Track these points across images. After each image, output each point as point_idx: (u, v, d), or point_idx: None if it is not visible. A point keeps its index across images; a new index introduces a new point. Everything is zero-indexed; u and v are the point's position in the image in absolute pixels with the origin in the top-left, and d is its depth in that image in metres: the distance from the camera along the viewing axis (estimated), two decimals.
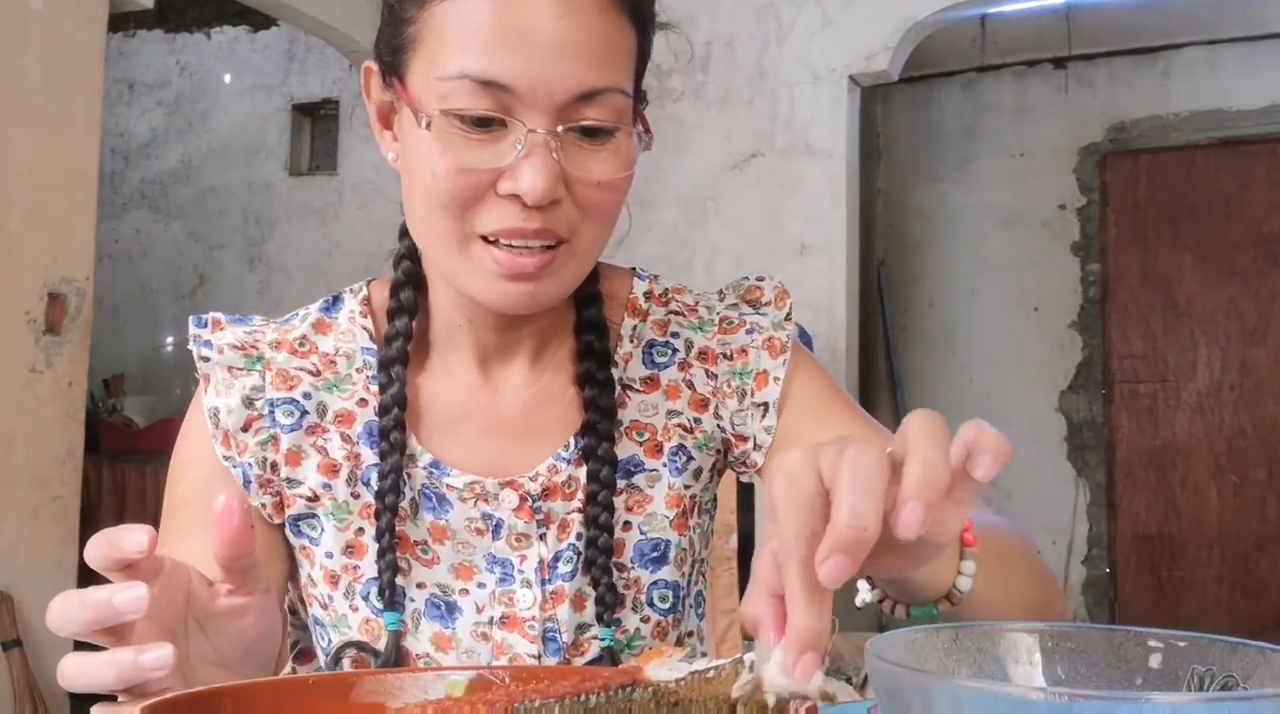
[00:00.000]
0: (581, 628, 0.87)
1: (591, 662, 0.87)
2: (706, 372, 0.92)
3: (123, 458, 4.45)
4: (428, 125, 0.75)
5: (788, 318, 0.93)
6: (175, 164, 5.62)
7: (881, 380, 5.24)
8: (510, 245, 0.76)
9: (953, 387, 5.17)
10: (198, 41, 5.62)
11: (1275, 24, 4.65)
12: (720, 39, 4.32)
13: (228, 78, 5.54)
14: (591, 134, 0.76)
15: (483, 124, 0.74)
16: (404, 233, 0.89)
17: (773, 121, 4.29)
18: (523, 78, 0.73)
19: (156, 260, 5.58)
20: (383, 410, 0.86)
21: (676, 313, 0.94)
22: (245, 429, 0.86)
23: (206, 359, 0.87)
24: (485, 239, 0.77)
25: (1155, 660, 0.55)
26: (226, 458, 0.85)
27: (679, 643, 0.92)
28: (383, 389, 0.86)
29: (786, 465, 0.51)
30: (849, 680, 3.62)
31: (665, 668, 0.50)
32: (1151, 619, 4.66)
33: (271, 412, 0.87)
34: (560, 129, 0.74)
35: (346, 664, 0.85)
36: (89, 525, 3.72)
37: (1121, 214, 5.02)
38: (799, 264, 4.19)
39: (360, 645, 0.85)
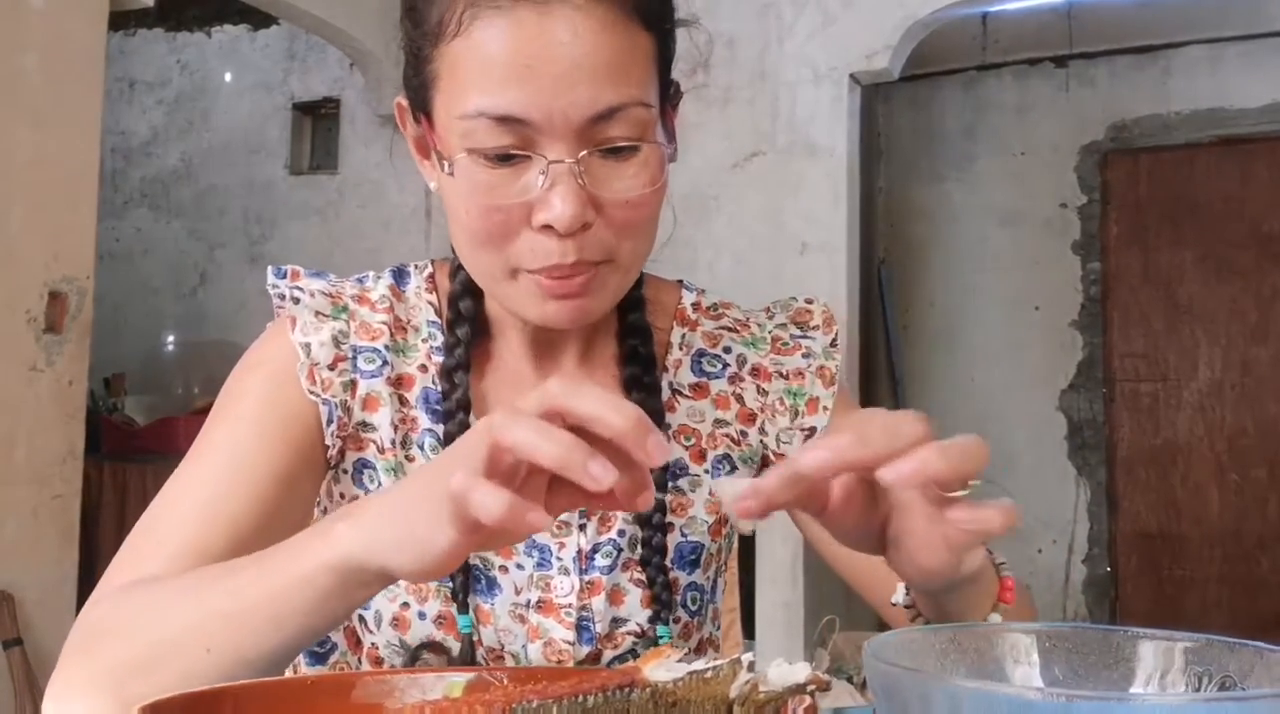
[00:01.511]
0: (617, 621, 0.89)
1: (622, 655, 0.89)
2: (758, 388, 0.96)
3: (123, 457, 4.45)
4: (452, 170, 0.77)
5: (833, 344, 0.97)
6: (176, 163, 5.62)
7: (882, 379, 5.24)
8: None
9: (953, 385, 5.17)
10: (198, 40, 5.61)
11: (1276, 22, 4.65)
12: (721, 38, 4.32)
13: (228, 76, 5.53)
14: (615, 152, 0.76)
15: (506, 158, 0.75)
16: None
17: (773, 120, 4.29)
18: (537, 109, 0.73)
19: (157, 259, 5.58)
20: (447, 416, 0.88)
21: (729, 328, 0.98)
22: (331, 367, 0.87)
23: (297, 301, 0.89)
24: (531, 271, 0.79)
25: (1153, 661, 0.55)
26: (313, 393, 0.85)
27: (699, 649, 0.95)
28: (445, 395, 0.88)
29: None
30: (849, 680, 3.62)
31: (663, 669, 0.50)
32: (1152, 618, 4.66)
33: (354, 357, 0.89)
34: (582, 154, 0.75)
35: (429, 661, 0.87)
36: (89, 524, 3.72)
37: (1122, 213, 5.02)
38: (800, 263, 4.19)
39: (436, 647, 0.87)
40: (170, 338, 5.44)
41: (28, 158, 3.09)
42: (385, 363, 0.89)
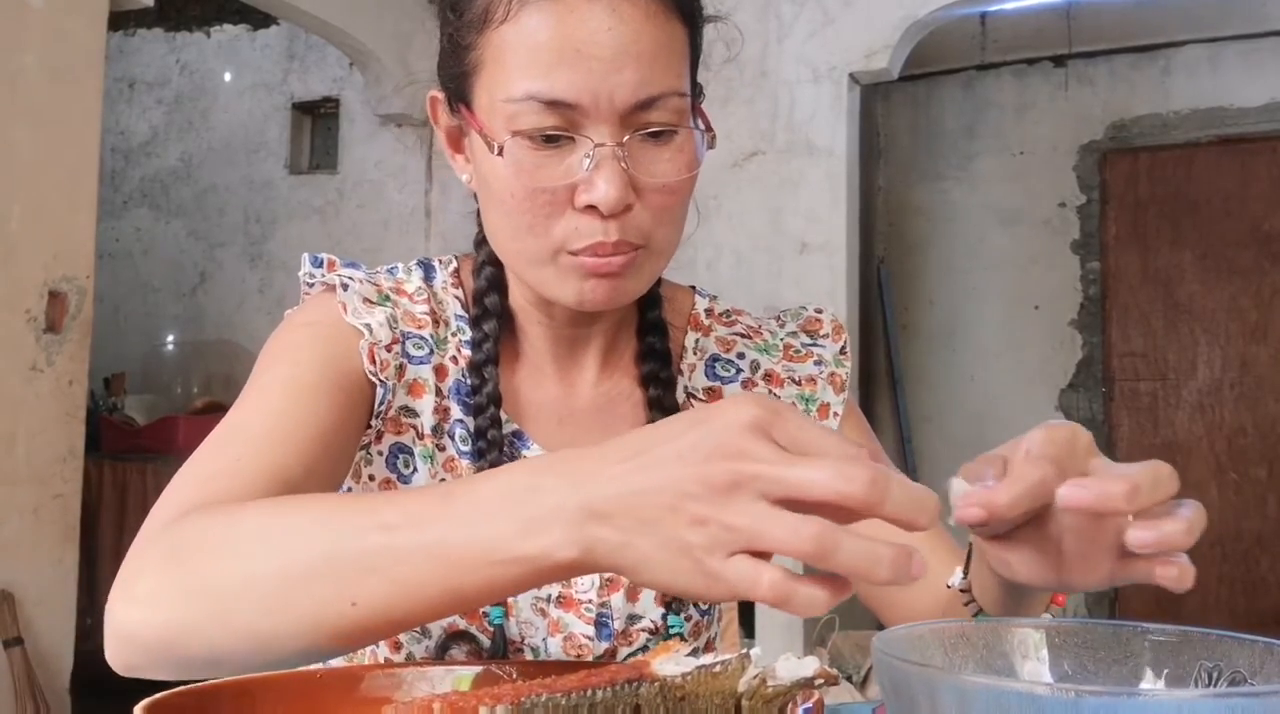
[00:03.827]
0: (633, 618, 0.91)
1: (636, 652, 0.91)
2: (770, 392, 0.97)
3: (123, 456, 4.45)
4: (500, 151, 0.78)
5: (843, 352, 0.99)
6: (175, 162, 5.61)
7: (882, 378, 5.24)
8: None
9: (953, 384, 5.17)
10: (198, 40, 5.61)
11: (1276, 21, 4.65)
12: (721, 37, 4.32)
13: (228, 76, 5.53)
14: (655, 136, 0.79)
15: (551, 140, 0.77)
16: (481, 240, 0.92)
17: (773, 120, 4.29)
18: (585, 93, 0.75)
19: (157, 259, 5.58)
20: (478, 410, 0.89)
21: (742, 335, 1.00)
22: (388, 349, 0.87)
23: (346, 287, 0.88)
24: (572, 253, 0.80)
25: (1162, 656, 0.55)
26: (373, 374, 0.85)
27: (708, 647, 0.97)
28: (476, 390, 0.89)
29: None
30: (849, 679, 3.62)
31: (672, 663, 0.50)
32: (1152, 617, 4.63)
33: (404, 341, 0.90)
34: (626, 138, 0.77)
35: (459, 653, 0.87)
36: (89, 524, 3.72)
37: (1122, 212, 5.02)
38: (799, 262, 4.19)
39: (465, 637, 0.87)
40: (170, 337, 5.43)
41: (28, 158, 3.09)
42: (431, 351, 0.91)
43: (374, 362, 0.85)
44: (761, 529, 0.49)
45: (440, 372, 0.91)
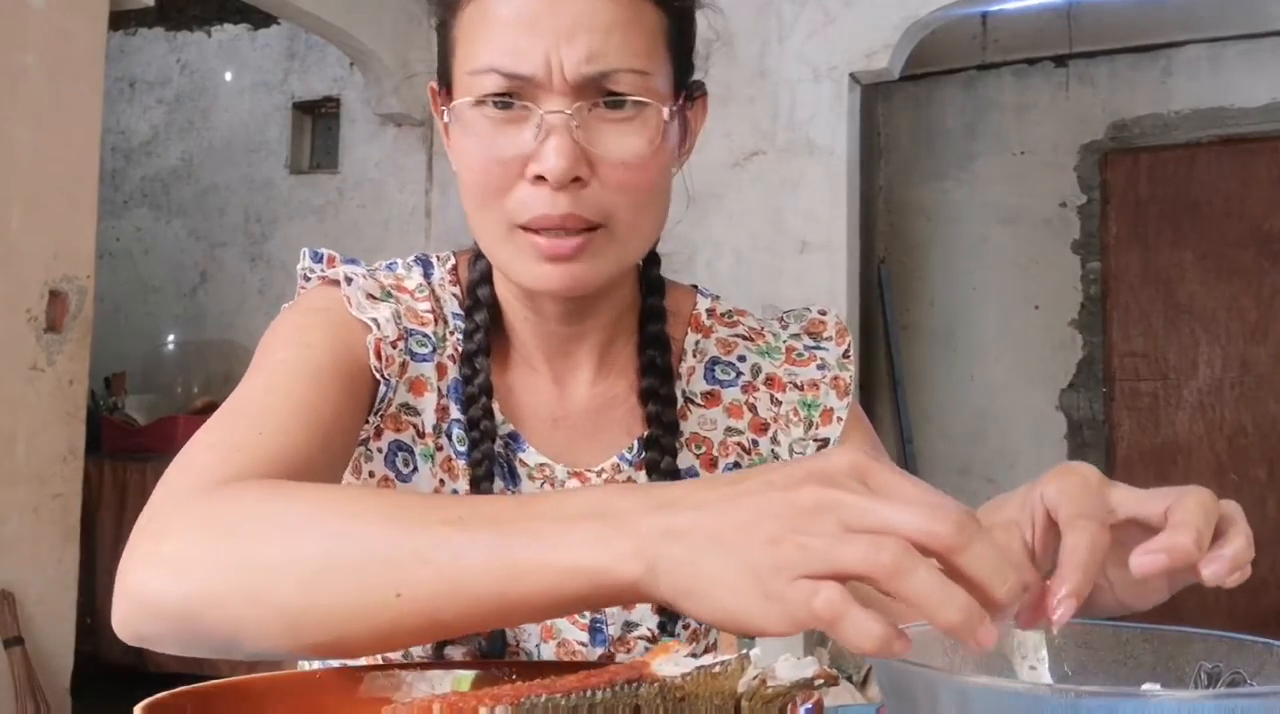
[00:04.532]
0: (629, 625, 0.89)
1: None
2: (771, 397, 0.95)
3: (124, 456, 4.45)
4: (450, 119, 0.80)
5: (846, 355, 0.97)
6: (176, 162, 5.61)
7: (882, 378, 5.24)
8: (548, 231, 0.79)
9: (953, 384, 5.17)
10: (198, 39, 5.61)
11: (1276, 21, 4.65)
12: (721, 37, 4.32)
13: (228, 76, 5.53)
14: (615, 109, 0.78)
15: (507, 108, 0.77)
16: None
17: (774, 119, 4.29)
18: (537, 62, 0.76)
19: (157, 258, 5.58)
20: (469, 401, 0.88)
21: (743, 337, 0.97)
22: (394, 345, 0.86)
23: (350, 281, 0.88)
24: (526, 228, 0.79)
25: (1162, 657, 0.55)
26: (377, 370, 0.84)
27: (708, 652, 0.94)
28: (467, 381, 0.88)
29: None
30: (849, 679, 3.61)
31: (671, 663, 0.50)
32: (1151, 617, 4.65)
33: (408, 338, 0.89)
34: (578, 106, 0.76)
35: (455, 653, 0.85)
36: (90, 523, 3.72)
37: (1123, 212, 5.02)
38: (800, 261, 4.19)
39: (468, 638, 0.85)
40: (170, 337, 5.43)
41: (28, 158, 3.09)
42: (434, 349, 0.90)
43: (380, 358, 0.84)
44: (835, 549, 0.48)
45: (441, 370, 0.90)
